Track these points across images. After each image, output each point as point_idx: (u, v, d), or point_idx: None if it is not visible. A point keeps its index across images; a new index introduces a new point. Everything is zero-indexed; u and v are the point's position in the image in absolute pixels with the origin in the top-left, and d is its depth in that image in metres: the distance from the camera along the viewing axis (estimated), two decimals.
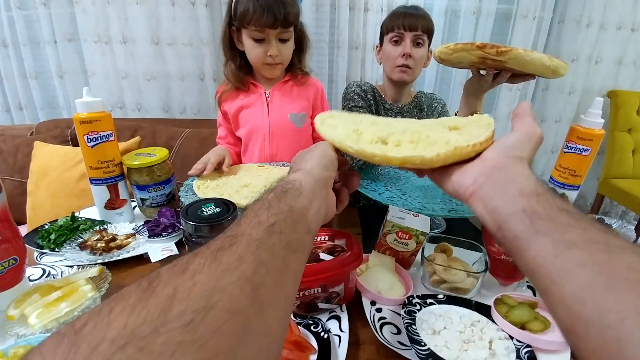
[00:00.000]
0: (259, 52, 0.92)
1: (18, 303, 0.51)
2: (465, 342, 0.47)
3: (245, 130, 1.01)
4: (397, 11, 1.07)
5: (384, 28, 1.08)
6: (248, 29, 0.89)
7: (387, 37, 1.06)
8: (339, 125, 0.46)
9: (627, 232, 0.80)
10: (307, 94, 1.03)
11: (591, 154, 0.78)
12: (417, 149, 0.38)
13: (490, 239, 0.58)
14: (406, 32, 1.02)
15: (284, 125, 1.00)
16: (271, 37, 0.89)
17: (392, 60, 1.06)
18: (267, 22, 0.86)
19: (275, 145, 1.00)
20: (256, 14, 0.85)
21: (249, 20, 0.87)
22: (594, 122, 0.77)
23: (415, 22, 1.01)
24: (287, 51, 0.95)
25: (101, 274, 0.59)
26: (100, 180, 0.76)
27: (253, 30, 0.88)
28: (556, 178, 0.84)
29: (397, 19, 1.03)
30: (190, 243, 0.52)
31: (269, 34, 0.89)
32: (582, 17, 1.85)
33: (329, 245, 0.55)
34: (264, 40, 0.90)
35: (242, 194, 0.74)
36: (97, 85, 1.81)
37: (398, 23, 1.02)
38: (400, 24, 1.02)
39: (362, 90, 1.13)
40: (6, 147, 1.44)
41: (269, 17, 0.85)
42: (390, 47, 1.06)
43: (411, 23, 1.01)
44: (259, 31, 0.88)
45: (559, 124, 2.08)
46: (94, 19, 1.71)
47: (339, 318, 0.52)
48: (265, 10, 0.84)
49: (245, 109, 1.00)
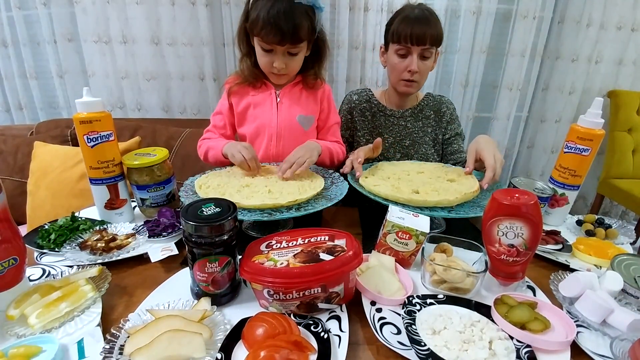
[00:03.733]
0: (266, 61, 0.91)
1: (18, 303, 0.51)
2: (465, 342, 0.47)
3: (252, 127, 1.00)
4: (405, 16, 1.00)
5: (390, 34, 1.03)
6: (257, 38, 0.88)
7: (393, 46, 1.02)
8: (378, 183, 0.80)
9: (627, 232, 0.80)
10: (316, 97, 1.02)
11: (591, 154, 0.78)
12: (440, 195, 0.74)
13: (490, 238, 0.58)
14: (413, 46, 0.98)
15: (292, 126, 0.99)
16: (279, 50, 0.88)
17: (397, 72, 1.03)
18: (274, 39, 0.84)
19: (281, 146, 1.00)
20: (264, 29, 0.83)
21: (257, 32, 0.85)
22: (594, 122, 0.77)
23: (423, 34, 0.96)
24: (295, 64, 0.94)
25: (101, 274, 0.59)
26: (100, 180, 0.76)
27: (261, 42, 0.88)
28: (556, 178, 0.84)
29: (405, 27, 0.97)
30: (190, 243, 0.52)
31: (277, 47, 0.87)
32: (582, 17, 1.85)
33: (329, 245, 0.55)
34: (271, 51, 0.89)
35: (242, 193, 0.74)
36: (97, 85, 1.81)
37: (405, 33, 0.97)
38: (408, 36, 0.97)
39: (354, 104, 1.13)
40: (6, 147, 1.44)
41: (277, 34, 0.83)
42: (395, 59, 1.02)
43: (419, 35, 0.96)
44: (267, 43, 0.87)
45: (559, 124, 2.08)
46: (94, 19, 1.71)
47: (339, 318, 0.52)
48: (273, 26, 0.82)
49: (255, 106, 0.99)
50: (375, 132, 1.15)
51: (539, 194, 0.81)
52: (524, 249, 0.56)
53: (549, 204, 0.84)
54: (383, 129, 1.14)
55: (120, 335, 0.47)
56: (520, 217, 0.55)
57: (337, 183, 0.84)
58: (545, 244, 0.73)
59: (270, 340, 0.45)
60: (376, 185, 0.78)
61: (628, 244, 0.77)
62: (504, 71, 1.98)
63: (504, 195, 0.57)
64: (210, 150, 0.96)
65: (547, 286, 0.61)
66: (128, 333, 0.47)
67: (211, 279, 0.53)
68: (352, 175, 0.86)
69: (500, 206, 0.56)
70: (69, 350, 0.46)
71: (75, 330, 0.50)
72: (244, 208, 0.69)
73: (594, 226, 0.81)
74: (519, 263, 0.57)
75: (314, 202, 0.74)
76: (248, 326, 0.48)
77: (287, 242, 0.57)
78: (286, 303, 0.52)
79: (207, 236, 0.51)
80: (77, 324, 0.51)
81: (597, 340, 0.50)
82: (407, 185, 0.79)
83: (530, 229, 0.55)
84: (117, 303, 0.57)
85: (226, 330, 0.49)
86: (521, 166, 2.27)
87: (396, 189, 0.77)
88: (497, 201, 0.56)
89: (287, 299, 0.51)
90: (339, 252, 0.53)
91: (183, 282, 0.59)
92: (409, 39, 0.97)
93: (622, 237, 0.78)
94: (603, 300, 0.52)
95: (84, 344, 0.47)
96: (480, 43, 1.88)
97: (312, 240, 0.57)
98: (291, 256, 0.53)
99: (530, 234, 0.55)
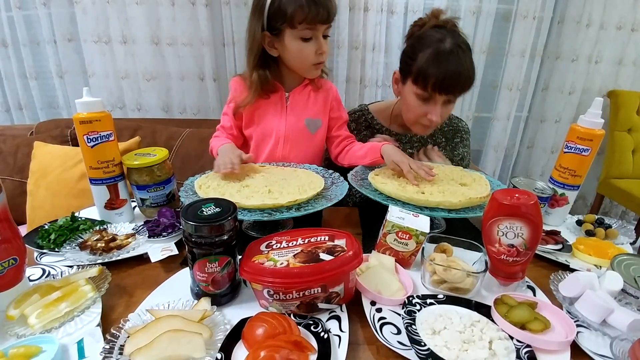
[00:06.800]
0: (309, 51, 0.88)
1: (18, 303, 0.51)
2: (465, 342, 0.47)
3: (259, 130, 0.98)
4: (435, 54, 0.82)
5: (414, 71, 0.85)
6: (297, 29, 0.84)
7: (414, 87, 0.87)
8: (386, 182, 0.79)
9: (627, 232, 0.80)
10: (324, 98, 1.00)
11: (591, 154, 0.78)
12: (445, 197, 0.72)
13: (490, 238, 0.58)
14: (440, 95, 0.85)
15: (299, 129, 0.98)
16: (319, 33, 0.87)
17: (413, 114, 0.91)
18: (322, 17, 0.83)
19: (288, 149, 0.98)
20: (311, 11, 0.81)
21: (301, 19, 0.82)
22: (594, 122, 0.77)
23: (455, 84, 0.83)
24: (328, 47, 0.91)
25: (101, 274, 0.59)
26: (100, 180, 0.76)
27: (304, 29, 0.84)
28: (556, 178, 0.84)
29: (433, 73, 0.82)
30: (190, 243, 0.51)
31: (319, 31, 0.86)
32: (582, 17, 1.85)
33: (329, 245, 0.55)
34: (311, 39, 0.87)
35: (243, 193, 0.74)
36: (97, 85, 1.82)
37: (434, 82, 0.83)
38: (437, 85, 0.83)
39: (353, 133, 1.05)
40: (6, 147, 1.44)
41: (323, 11, 0.82)
42: (414, 100, 0.89)
43: (449, 86, 0.83)
44: (310, 29, 0.84)
45: (559, 124, 2.08)
46: (94, 19, 1.71)
47: (339, 318, 0.52)
48: (318, 5, 0.82)
49: (263, 108, 0.97)
50: None
51: (539, 194, 0.81)
52: (524, 249, 0.56)
53: (549, 204, 0.84)
54: None
55: (120, 335, 0.47)
56: (520, 217, 0.55)
57: (337, 183, 0.84)
58: (545, 244, 0.73)
59: (270, 340, 0.45)
60: (383, 183, 0.78)
61: (628, 244, 0.77)
62: (504, 71, 1.98)
63: (504, 195, 0.57)
64: (213, 150, 0.96)
65: (547, 286, 0.61)
66: (128, 333, 0.47)
67: (211, 279, 0.53)
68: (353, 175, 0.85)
69: (500, 206, 0.56)
70: (68, 351, 0.46)
71: (75, 330, 0.50)
72: (244, 208, 0.69)
73: (594, 226, 0.81)
74: (519, 263, 0.57)
75: (314, 202, 0.74)
76: (248, 326, 0.48)
77: (287, 242, 0.57)
78: (286, 303, 0.52)
79: (207, 236, 0.51)
80: (77, 324, 0.51)
81: (597, 340, 0.50)
82: (414, 187, 0.78)
83: (530, 229, 0.55)
84: (117, 303, 0.57)
85: (226, 330, 0.49)
86: (521, 166, 2.27)
87: (402, 188, 0.77)
88: (497, 201, 0.56)
89: (287, 299, 0.51)
90: (339, 252, 0.53)
91: (183, 282, 0.59)
92: (437, 88, 0.83)
93: (622, 237, 0.78)
94: (603, 300, 0.52)
95: (83, 344, 0.47)
96: (480, 43, 1.88)
97: (312, 240, 0.57)
98: (291, 256, 0.53)
99: (530, 234, 0.55)
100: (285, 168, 0.92)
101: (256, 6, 0.87)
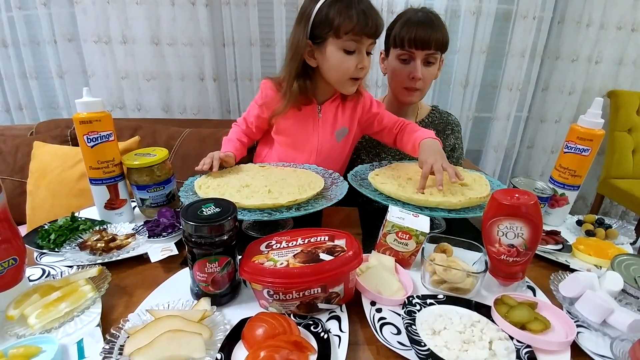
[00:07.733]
0: (350, 64, 0.84)
1: (18, 303, 0.51)
2: (465, 342, 0.47)
3: (290, 141, 0.97)
4: (408, 19, 0.94)
5: (391, 38, 0.97)
6: (342, 39, 0.82)
7: (394, 51, 0.96)
8: (386, 182, 0.80)
9: (627, 232, 0.80)
10: (352, 107, 0.97)
11: (591, 154, 0.78)
12: (445, 197, 0.73)
13: (490, 239, 0.58)
14: (417, 50, 0.92)
15: (330, 141, 0.97)
16: (363, 48, 0.84)
17: (399, 79, 0.97)
18: (370, 30, 0.81)
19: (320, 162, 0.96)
20: (360, 22, 0.80)
21: (348, 29, 0.80)
22: (594, 122, 0.77)
23: (428, 38, 0.90)
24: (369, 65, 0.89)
25: (101, 274, 0.59)
26: (100, 180, 0.76)
27: (349, 40, 0.82)
28: (556, 178, 0.84)
29: (408, 30, 0.91)
30: (190, 243, 0.51)
31: (363, 45, 0.84)
32: (582, 17, 1.85)
33: (329, 245, 0.55)
34: (354, 53, 0.84)
35: (243, 193, 0.74)
36: (97, 85, 1.82)
37: (409, 37, 0.91)
38: (412, 40, 0.91)
39: None
40: (6, 147, 1.44)
41: (372, 25, 0.81)
42: (397, 65, 0.96)
43: (423, 39, 0.91)
44: (356, 41, 0.82)
45: (559, 124, 2.08)
46: (94, 19, 1.71)
47: (339, 318, 0.52)
48: (368, 18, 0.80)
49: (295, 120, 0.94)
50: (373, 152, 1.12)
51: (539, 194, 0.81)
52: (524, 249, 0.56)
53: (549, 204, 0.84)
54: (380, 149, 1.11)
55: (120, 335, 0.47)
56: (520, 217, 0.55)
57: (337, 183, 0.84)
58: (545, 244, 0.73)
59: (270, 340, 0.45)
60: (383, 183, 0.78)
61: (628, 244, 0.77)
62: (504, 71, 1.98)
63: (504, 195, 0.57)
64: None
65: (547, 286, 0.61)
66: (128, 333, 0.47)
67: (211, 279, 0.53)
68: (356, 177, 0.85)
69: (500, 206, 0.56)
70: (68, 351, 0.46)
71: (75, 330, 0.49)
72: (244, 208, 0.69)
73: (594, 226, 0.81)
74: (519, 263, 0.57)
75: (314, 202, 0.74)
76: (248, 326, 0.48)
77: (287, 242, 0.57)
78: (286, 303, 0.52)
79: (207, 236, 0.51)
80: (76, 324, 0.51)
81: (597, 340, 0.50)
82: (414, 186, 0.78)
83: (530, 229, 0.55)
84: (116, 303, 0.57)
85: (226, 330, 0.49)
86: (521, 166, 2.27)
87: (401, 188, 0.77)
88: (497, 201, 0.56)
89: (287, 299, 0.51)
90: (339, 252, 0.53)
91: (183, 282, 0.59)
92: (412, 43, 0.92)
93: (622, 237, 0.78)
94: (603, 300, 0.52)
95: (83, 344, 0.47)
96: (480, 43, 1.89)
97: (312, 241, 0.57)
98: (291, 256, 0.53)
99: (530, 234, 0.55)
100: (285, 168, 0.92)
101: (302, 14, 0.85)
